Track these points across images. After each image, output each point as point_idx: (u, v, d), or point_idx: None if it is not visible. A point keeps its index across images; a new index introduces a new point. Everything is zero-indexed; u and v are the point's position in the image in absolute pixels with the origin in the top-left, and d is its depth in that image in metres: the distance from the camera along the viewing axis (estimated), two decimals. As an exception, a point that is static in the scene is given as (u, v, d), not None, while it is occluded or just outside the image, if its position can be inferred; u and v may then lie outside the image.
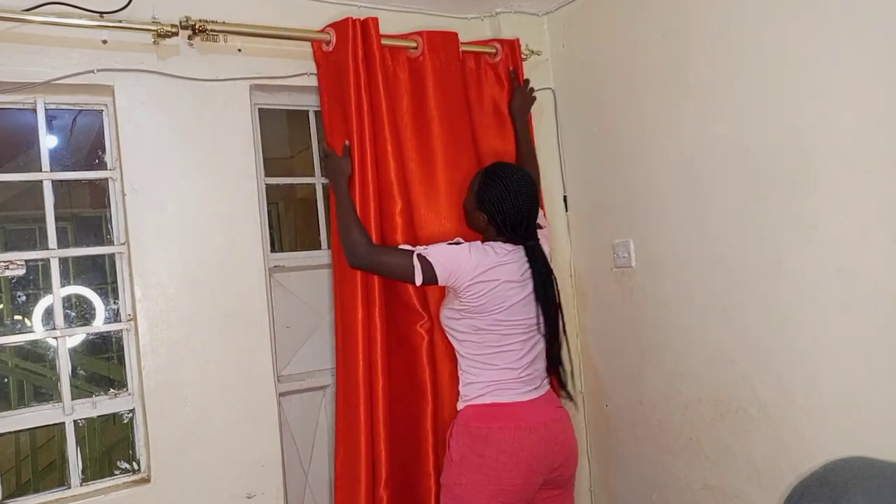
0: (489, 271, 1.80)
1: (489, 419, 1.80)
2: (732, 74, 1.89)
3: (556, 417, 1.86)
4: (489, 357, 1.85)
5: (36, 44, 1.74)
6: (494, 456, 1.75)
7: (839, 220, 1.68)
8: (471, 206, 1.93)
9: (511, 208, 1.85)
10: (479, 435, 1.78)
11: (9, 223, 2.05)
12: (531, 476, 1.78)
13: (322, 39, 2.01)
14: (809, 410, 1.78)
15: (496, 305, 1.81)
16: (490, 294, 1.80)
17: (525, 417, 1.81)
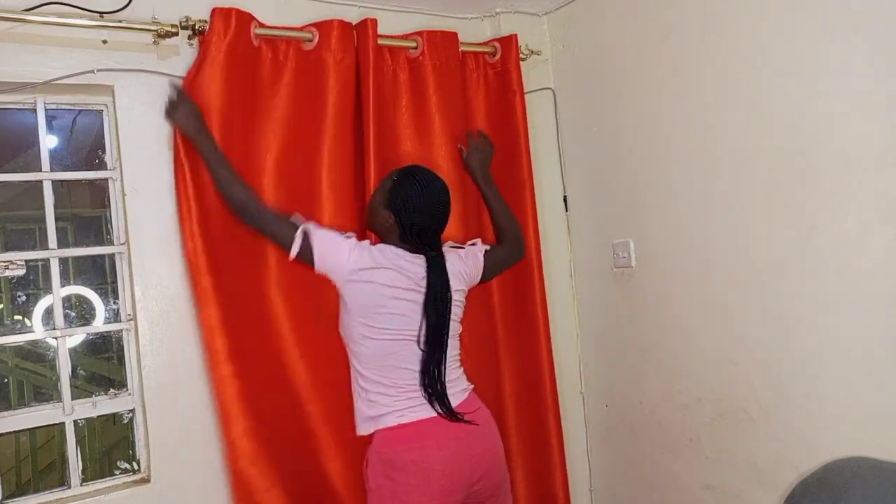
0: (365, 271, 1.71)
1: (395, 442, 1.71)
2: (732, 74, 1.89)
3: (470, 430, 1.75)
4: (386, 372, 1.74)
5: (36, 44, 1.74)
6: (405, 480, 1.67)
7: (839, 220, 1.68)
8: (377, 204, 1.80)
9: (423, 213, 1.76)
10: (387, 460, 1.70)
11: (9, 223, 2.04)
12: (447, 496, 1.69)
13: (303, 38, 1.98)
14: (809, 410, 1.78)
15: (375, 311, 1.72)
16: (368, 297, 1.72)
17: (432, 435, 1.71)
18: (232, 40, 1.83)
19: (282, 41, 1.97)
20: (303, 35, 1.97)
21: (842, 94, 1.66)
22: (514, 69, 2.31)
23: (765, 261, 1.85)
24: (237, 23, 1.84)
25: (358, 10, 2.17)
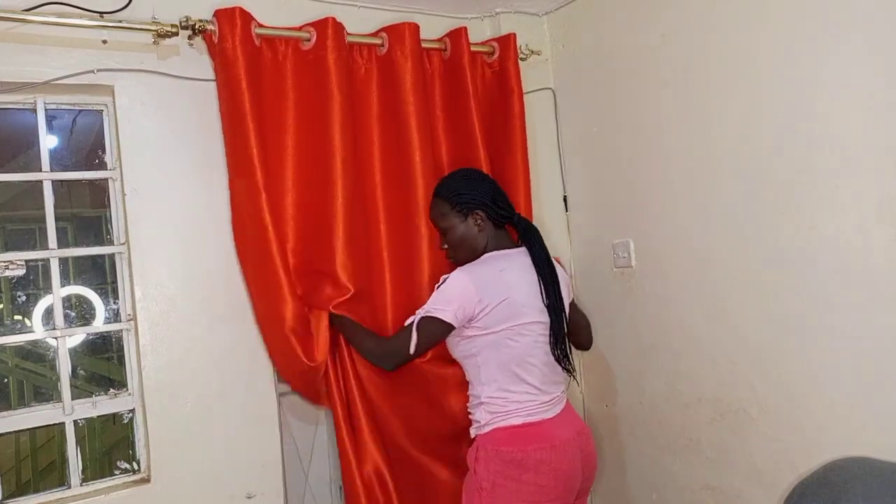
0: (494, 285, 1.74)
1: (524, 441, 1.70)
2: (732, 74, 1.89)
3: (581, 429, 1.82)
4: (511, 376, 1.75)
5: (36, 44, 1.74)
6: (533, 480, 1.66)
7: (839, 220, 1.68)
8: (458, 221, 1.83)
9: (490, 186, 1.86)
10: (511, 460, 1.67)
11: (9, 223, 2.05)
12: (567, 495, 1.73)
13: (301, 38, 1.99)
14: (809, 410, 1.78)
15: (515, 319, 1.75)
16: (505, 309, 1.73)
17: (557, 435, 1.73)
18: (242, 40, 1.85)
19: (280, 41, 1.97)
20: (301, 35, 1.98)
21: (842, 94, 1.66)
22: (513, 68, 2.30)
23: (765, 261, 1.85)
24: (241, 22, 1.85)
25: (358, 11, 2.17)
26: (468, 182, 1.86)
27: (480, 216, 1.81)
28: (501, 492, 1.67)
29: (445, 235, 1.86)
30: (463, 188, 1.83)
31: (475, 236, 1.82)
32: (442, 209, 1.85)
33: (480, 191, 1.83)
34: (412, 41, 2.11)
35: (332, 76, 1.95)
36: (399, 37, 2.10)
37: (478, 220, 1.82)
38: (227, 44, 1.83)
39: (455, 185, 1.85)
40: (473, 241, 1.82)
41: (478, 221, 1.82)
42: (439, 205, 1.86)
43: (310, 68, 1.98)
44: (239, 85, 1.82)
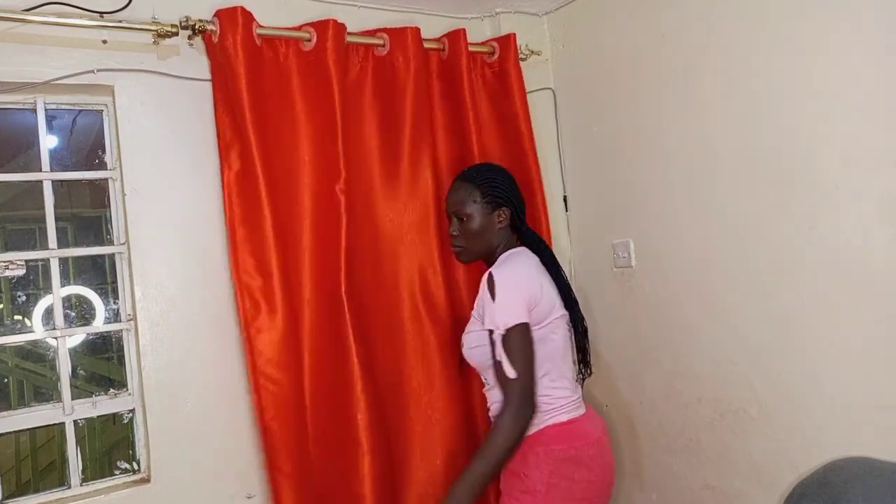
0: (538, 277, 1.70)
1: (575, 437, 1.65)
2: (732, 74, 1.89)
3: (604, 427, 1.81)
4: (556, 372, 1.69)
5: (36, 44, 1.74)
6: (585, 477, 1.62)
7: (839, 220, 1.68)
8: (484, 211, 1.75)
9: (519, 191, 1.82)
10: (566, 457, 1.62)
11: (9, 223, 2.05)
12: (610, 490, 1.73)
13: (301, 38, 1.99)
14: (809, 410, 1.78)
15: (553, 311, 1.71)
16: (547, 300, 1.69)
17: (594, 430, 1.72)
18: (242, 40, 1.84)
19: (281, 41, 1.97)
20: (301, 35, 1.98)
21: (842, 94, 1.66)
22: (514, 69, 2.31)
23: (765, 261, 1.85)
24: (243, 21, 1.85)
25: (358, 10, 2.17)
26: (504, 177, 1.81)
27: (506, 214, 1.77)
28: (555, 493, 1.60)
29: (463, 222, 1.76)
30: (499, 180, 1.78)
31: (494, 232, 1.76)
32: (472, 195, 1.76)
33: (513, 188, 1.80)
34: (414, 45, 2.11)
35: (333, 77, 1.95)
36: (400, 38, 2.10)
37: (502, 216, 1.77)
38: (227, 43, 1.83)
39: (491, 175, 1.79)
40: (490, 237, 1.76)
41: (501, 217, 1.77)
42: (469, 190, 1.77)
43: (310, 69, 1.98)
44: (238, 85, 1.83)
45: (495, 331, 1.60)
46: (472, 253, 1.78)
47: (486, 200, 1.76)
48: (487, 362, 1.67)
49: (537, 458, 1.62)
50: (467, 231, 1.76)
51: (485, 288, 1.66)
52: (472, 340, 1.73)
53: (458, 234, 1.77)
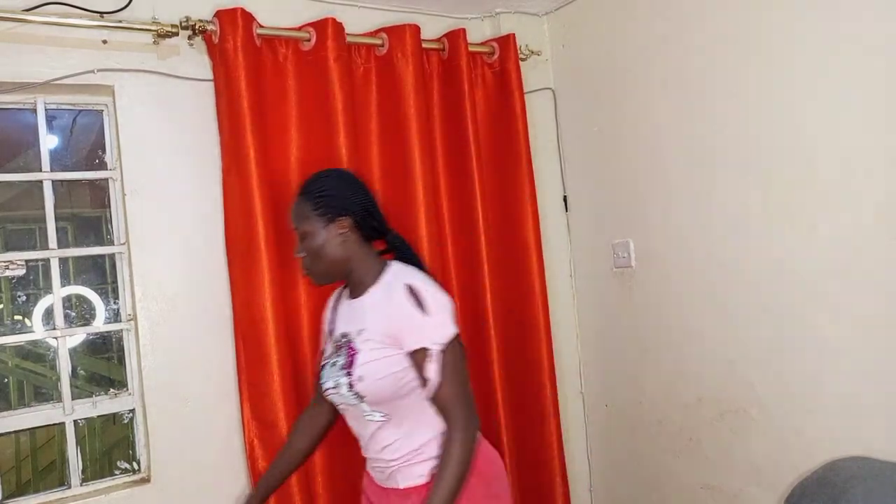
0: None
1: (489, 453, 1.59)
2: (732, 74, 1.89)
3: None
4: None
5: (36, 44, 1.74)
6: (506, 493, 1.58)
7: (839, 220, 1.68)
8: (319, 226, 1.51)
9: (363, 192, 1.57)
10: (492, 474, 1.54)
11: (9, 223, 2.04)
12: None
13: (301, 38, 1.99)
14: (809, 410, 1.78)
15: None
16: None
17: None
18: (243, 41, 1.85)
19: (281, 41, 1.98)
20: (301, 35, 1.98)
21: (842, 95, 1.66)
22: (513, 69, 2.31)
23: (765, 261, 1.85)
24: (243, 22, 1.86)
25: (358, 10, 2.17)
26: (339, 183, 1.57)
27: (346, 223, 1.52)
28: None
29: (303, 241, 1.55)
30: (330, 188, 1.55)
31: (338, 246, 1.52)
32: (303, 210, 1.54)
33: (351, 195, 1.55)
34: (413, 43, 2.11)
35: (333, 76, 1.95)
36: (399, 38, 2.10)
37: (342, 227, 1.52)
38: (227, 44, 1.83)
39: (322, 185, 1.56)
40: (335, 252, 1.52)
41: (342, 228, 1.52)
42: (301, 205, 1.55)
43: (310, 69, 1.98)
44: (239, 85, 1.83)
45: (431, 348, 1.43)
46: (321, 274, 1.56)
47: (318, 213, 1.52)
48: (400, 391, 1.46)
49: (470, 489, 1.45)
50: (308, 249, 1.54)
51: (406, 303, 1.45)
52: (378, 370, 1.46)
53: (303, 254, 1.56)
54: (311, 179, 1.59)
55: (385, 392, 1.47)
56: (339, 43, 1.98)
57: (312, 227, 1.52)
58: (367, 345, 1.48)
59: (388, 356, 1.46)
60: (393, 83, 2.11)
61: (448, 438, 1.44)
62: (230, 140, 1.86)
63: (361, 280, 1.55)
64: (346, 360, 1.50)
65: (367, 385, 1.46)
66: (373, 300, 1.51)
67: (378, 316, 1.49)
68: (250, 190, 1.83)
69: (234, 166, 1.85)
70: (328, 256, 1.52)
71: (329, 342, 1.61)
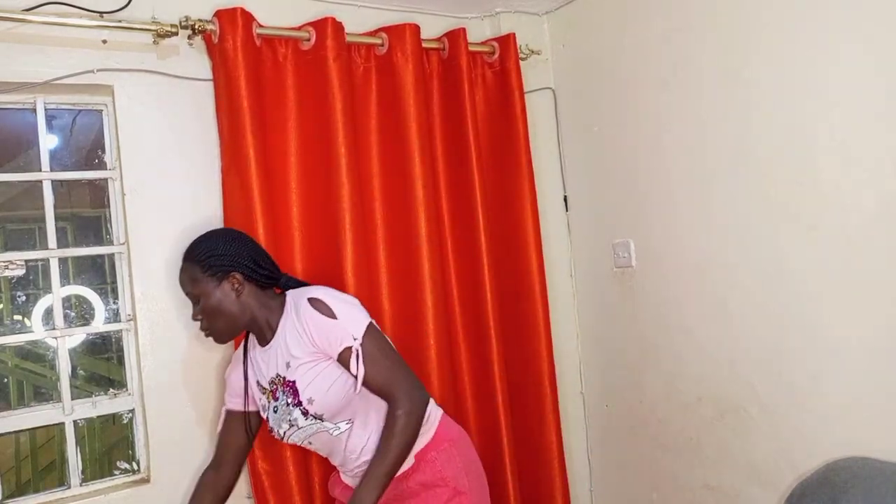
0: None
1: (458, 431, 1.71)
2: (733, 74, 1.89)
3: None
4: None
5: (36, 44, 1.74)
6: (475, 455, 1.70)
7: (839, 220, 1.68)
8: (213, 286, 1.54)
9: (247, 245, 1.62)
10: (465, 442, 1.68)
11: (9, 223, 2.04)
12: None
13: (300, 38, 1.99)
14: (809, 410, 1.78)
15: None
16: None
17: None
18: (242, 41, 1.85)
19: (280, 41, 1.98)
20: (300, 35, 1.98)
21: (842, 94, 1.66)
22: (514, 68, 2.31)
23: (765, 261, 1.85)
24: (242, 22, 1.85)
25: (358, 10, 2.17)
26: (221, 241, 1.59)
27: (238, 279, 1.56)
28: (475, 478, 1.63)
29: (198, 304, 1.57)
30: (215, 248, 1.57)
31: (233, 302, 1.55)
32: (193, 274, 1.56)
33: (236, 250, 1.57)
34: (413, 42, 2.11)
35: (332, 76, 1.95)
36: (399, 37, 2.10)
37: (235, 283, 1.56)
38: (227, 44, 1.83)
39: (206, 246, 1.58)
40: (231, 308, 1.55)
41: (235, 285, 1.56)
42: (189, 269, 1.57)
43: (310, 68, 1.98)
44: (238, 84, 1.83)
45: (353, 344, 1.49)
46: (222, 332, 1.59)
47: (208, 274, 1.55)
48: (349, 394, 1.53)
49: (448, 455, 1.60)
50: (206, 311, 1.56)
51: (315, 314, 1.51)
52: (321, 385, 1.53)
53: (202, 316, 1.58)
54: (194, 243, 1.62)
55: (338, 401, 1.54)
56: (339, 42, 1.98)
57: (205, 288, 1.55)
58: (299, 371, 1.54)
59: (323, 369, 1.53)
60: (393, 83, 2.11)
61: (390, 414, 1.51)
62: (230, 140, 1.86)
63: (268, 324, 1.60)
64: (289, 395, 1.56)
65: (319, 403, 1.53)
66: (284, 332, 1.56)
67: (296, 339, 1.54)
68: (250, 189, 1.83)
69: (234, 166, 1.85)
70: (226, 313, 1.56)
71: (258, 395, 1.65)
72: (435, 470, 1.59)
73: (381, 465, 1.47)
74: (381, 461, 1.47)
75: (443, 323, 2.10)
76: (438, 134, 2.24)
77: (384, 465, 1.47)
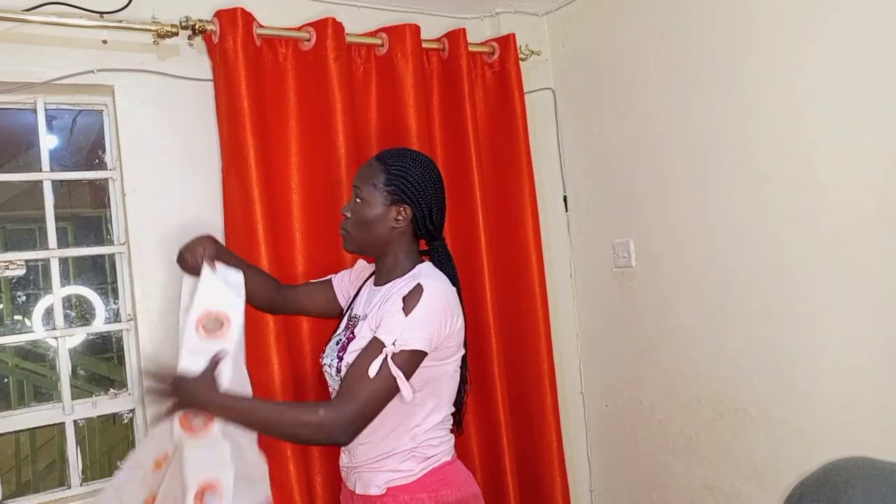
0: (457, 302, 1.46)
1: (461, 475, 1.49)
2: (732, 74, 1.89)
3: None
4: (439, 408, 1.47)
5: (36, 44, 1.74)
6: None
7: (839, 220, 1.68)
8: (381, 201, 1.45)
9: (438, 195, 1.50)
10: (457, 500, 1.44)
11: (9, 223, 2.04)
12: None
13: (300, 38, 1.99)
14: (809, 410, 1.78)
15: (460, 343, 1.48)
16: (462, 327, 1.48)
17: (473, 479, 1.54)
18: (243, 41, 1.85)
19: (280, 41, 1.98)
20: (301, 35, 1.98)
21: (842, 94, 1.66)
22: (513, 69, 2.31)
23: (765, 261, 1.85)
24: (243, 22, 1.85)
25: (358, 10, 2.17)
26: (422, 173, 1.49)
27: (405, 213, 1.47)
28: None
29: (356, 203, 1.48)
30: (413, 174, 1.47)
31: (388, 230, 1.47)
32: (374, 178, 1.47)
33: (427, 190, 1.48)
34: (413, 43, 2.11)
35: (333, 76, 1.95)
36: (399, 38, 2.10)
37: (401, 215, 1.46)
38: (227, 44, 1.83)
39: (406, 164, 1.48)
40: (382, 233, 1.47)
41: (400, 217, 1.46)
42: (374, 172, 1.48)
43: (310, 69, 1.98)
44: (238, 85, 1.83)
45: (387, 345, 1.33)
46: (357, 243, 1.50)
47: (387, 189, 1.45)
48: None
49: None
50: (357, 215, 1.48)
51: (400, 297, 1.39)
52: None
53: (349, 216, 1.50)
54: (397, 154, 1.52)
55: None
56: (339, 43, 1.98)
57: (373, 197, 1.46)
58: (363, 331, 1.44)
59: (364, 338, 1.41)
60: (393, 83, 2.11)
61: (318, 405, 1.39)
62: (230, 140, 1.86)
63: (391, 269, 1.50)
64: (343, 341, 1.48)
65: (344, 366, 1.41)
66: (392, 290, 1.45)
67: (379, 300, 1.45)
68: (250, 190, 1.83)
69: (234, 166, 1.85)
70: (373, 232, 1.47)
71: (343, 318, 1.59)
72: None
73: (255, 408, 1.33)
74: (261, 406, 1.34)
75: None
76: (438, 134, 2.24)
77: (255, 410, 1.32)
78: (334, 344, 1.53)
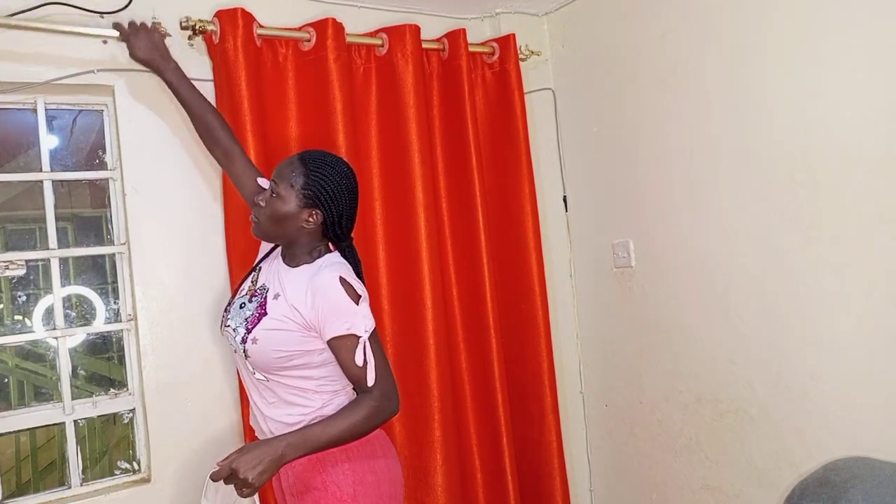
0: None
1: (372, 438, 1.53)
2: (732, 74, 1.89)
3: None
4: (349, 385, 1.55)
5: (36, 44, 1.74)
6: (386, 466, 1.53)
7: (839, 220, 1.68)
8: (295, 203, 1.49)
9: (351, 204, 1.55)
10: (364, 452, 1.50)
11: (9, 223, 2.04)
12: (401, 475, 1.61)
13: (301, 39, 2.00)
14: (809, 410, 1.78)
15: None
16: None
17: None
18: (243, 41, 1.85)
19: (281, 42, 1.98)
20: (301, 35, 1.98)
21: (842, 94, 1.66)
22: (513, 69, 2.31)
23: (765, 261, 1.85)
24: (243, 23, 1.86)
25: (358, 11, 2.17)
26: (339, 182, 1.53)
27: (316, 218, 1.51)
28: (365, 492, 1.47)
29: (271, 197, 1.52)
30: (329, 182, 1.51)
31: (298, 229, 1.52)
32: (292, 179, 1.50)
33: (340, 198, 1.52)
34: (413, 43, 2.11)
35: (333, 77, 1.96)
36: (399, 38, 2.11)
37: (311, 218, 1.51)
38: (228, 44, 1.83)
39: (324, 174, 1.51)
40: (289, 228, 1.51)
41: (310, 219, 1.51)
42: (294, 173, 1.51)
43: (310, 69, 1.98)
44: (239, 85, 1.83)
45: (361, 336, 1.45)
46: (266, 233, 1.56)
47: (304, 192, 1.49)
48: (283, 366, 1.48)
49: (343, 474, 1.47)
50: (271, 209, 1.51)
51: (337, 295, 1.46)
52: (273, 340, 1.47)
53: (263, 205, 1.53)
54: (320, 159, 1.55)
55: (269, 362, 1.49)
56: (339, 43, 1.98)
57: (289, 196, 1.50)
58: (276, 311, 1.49)
59: (291, 332, 1.47)
60: (393, 83, 2.11)
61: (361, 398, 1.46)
62: None
63: (298, 256, 1.56)
64: (254, 314, 1.52)
65: (257, 349, 1.48)
66: (298, 275, 1.52)
67: (299, 292, 1.49)
68: None
69: None
70: (282, 228, 1.52)
71: (248, 281, 1.63)
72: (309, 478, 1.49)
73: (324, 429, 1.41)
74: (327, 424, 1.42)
75: (442, 323, 2.10)
76: (438, 134, 2.24)
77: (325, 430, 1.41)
78: (239, 308, 1.56)
